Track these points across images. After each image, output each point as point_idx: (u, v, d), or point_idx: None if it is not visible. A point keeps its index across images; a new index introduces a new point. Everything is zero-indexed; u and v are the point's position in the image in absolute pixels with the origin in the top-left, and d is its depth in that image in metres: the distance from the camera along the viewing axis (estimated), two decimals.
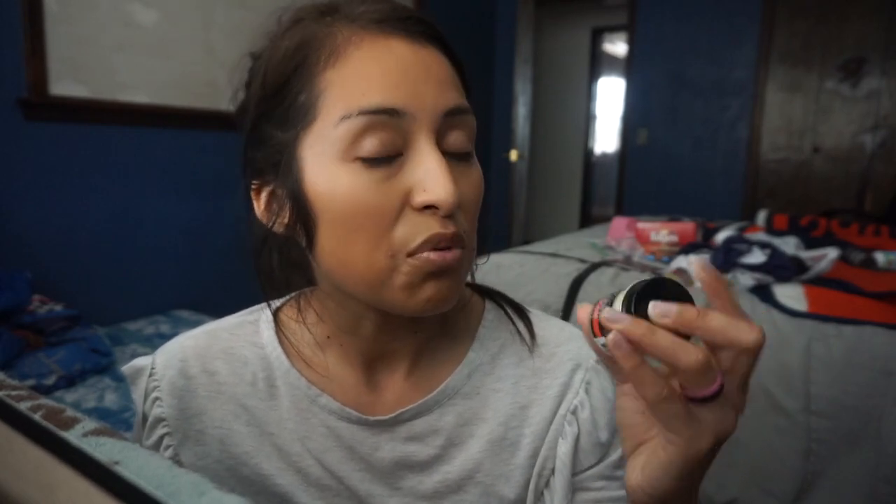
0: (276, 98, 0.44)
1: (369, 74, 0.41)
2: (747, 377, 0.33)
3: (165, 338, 2.44)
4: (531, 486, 0.50)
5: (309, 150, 0.42)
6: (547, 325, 0.54)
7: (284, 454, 0.50)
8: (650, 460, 0.36)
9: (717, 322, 0.32)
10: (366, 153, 0.40)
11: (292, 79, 0.43)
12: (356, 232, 0.41)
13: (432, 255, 0.41)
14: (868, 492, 1.37)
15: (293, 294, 0.54)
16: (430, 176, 0.40)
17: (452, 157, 0.43)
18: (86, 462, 0.25)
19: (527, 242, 2.51)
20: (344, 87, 0.41)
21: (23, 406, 0.32)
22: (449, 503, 0.50)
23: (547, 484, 0.50)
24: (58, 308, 1.88)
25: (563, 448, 0.49)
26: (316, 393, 0.50)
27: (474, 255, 0.45)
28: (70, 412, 0.32)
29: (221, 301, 2.64)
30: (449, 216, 0.41)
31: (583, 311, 0.36)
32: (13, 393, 0.34)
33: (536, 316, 0.55)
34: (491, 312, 0.54)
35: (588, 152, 6.31)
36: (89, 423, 0.31)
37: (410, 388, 0.50)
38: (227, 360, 0.51)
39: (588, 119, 6.26)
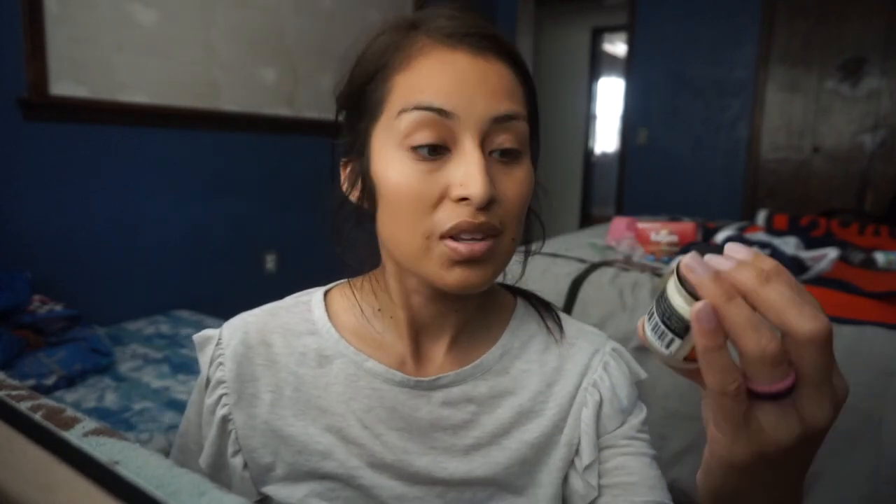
0: (359, 94, 0.52)
1: (430, 79, 0.48)
2: (820, 376, 0.29)
3: (165, 338, 2.45)
4: (561, 455, 0.56)
5: (377, 138, 0.50)
6: (570, 323, 0.63)
7: (328, 415, 0.55)
8: (706, 457, 0.35)
9: (775, 295, 0.28)
10: (416, 143, 0.47)
11: (373, 79, 0.51)
12: (401, 212, 0.48)
13: (460, 247, 0.47)
14: (868, 492, 1.37)
15: (338, 282, 0.62)
16: (468, 173, 0.46)
17: (498, 157, 0.49)
18: (86, 462, 0.25)
19: (527, 242, 2.51)
20: (408, 87, 0.48)
21: (23, 406, 0.32)
22: (477, 464, 0.55)
23: (577, 452, 0.57)
24: (58, 308, 1.88)
25: (587, 414, 0.56)
26: (363, 358, 0.56)
27: (516, 243, 0.51)
28: (70, 412, 0.32)
29: (221, 301, 2.65)
30: (481, 209, 0.46)
31: (641, 323, 0.35)
32: (13, 393, 0.34)
33: (561, 314, 0.63)
34: (521, 308, 0.62)
35: (588, 152, 6.31)
36: (89, 423, 0.31)
37: (450, 360, 0.57)
38: (282, 335, 0.58)
39: (588, 119, 6.25)
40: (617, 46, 6.54)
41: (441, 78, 0.48)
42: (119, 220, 2.32)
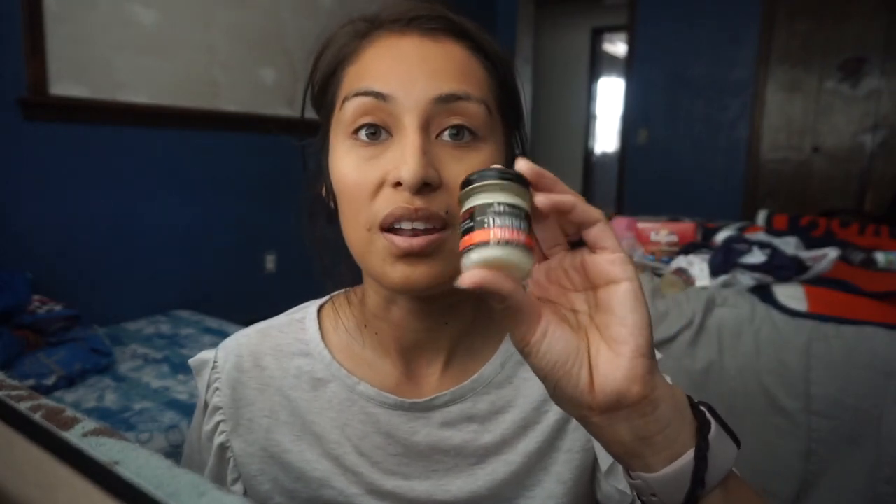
0: (321, 95, 0.52)
1: (371, 66, 0.47)
2: (616, 244, 0.34)
3: (165, 338, 2.44)
4: (563, 460, 0.53)
5: (333, 132, 0.49)
6: None
7: (324, 441, 0.53)
8: (610, 352, 0.33)
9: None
10: (357, 129, 0.46)
11: (330, 79, 0.51)
12: (347, 203, 0.47)
13: (397, 239, 0.43)
14: (868, 492, 1.37)
15: (333, 294, 0.60)
16: (402, 155, 0.44)
17: (449, 142, 0.46)
18: (86, 462, 0.25)
19: None
20: (353, 77, 0.48)
21: (23, 406, 0.32)
22: (481, 482, 0.52)
23: (595, 459, 0.54)
24: (58, 308, 1.88)
25: None
26: (355, 381, 0.53)
27: None
28: (70, 412, 0.32)
29: (221, 301, 2.65)
30: (417, 193, 0.43)
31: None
32: (13, 393, 0.34)
33: None
34: None
35: (588, 152, 6.31)
36: (89, 423, 0.31)
37: (447, 379, 0.54)
38: (275, 357, 0.56)
39: (588, 119, 6.26)
40: (617, 46, 6.54)
41: (383, 63, 0.46)
42: (119, 219, 2.32)
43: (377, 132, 0.45)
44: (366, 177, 0.45)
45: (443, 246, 0.44)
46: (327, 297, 0.60)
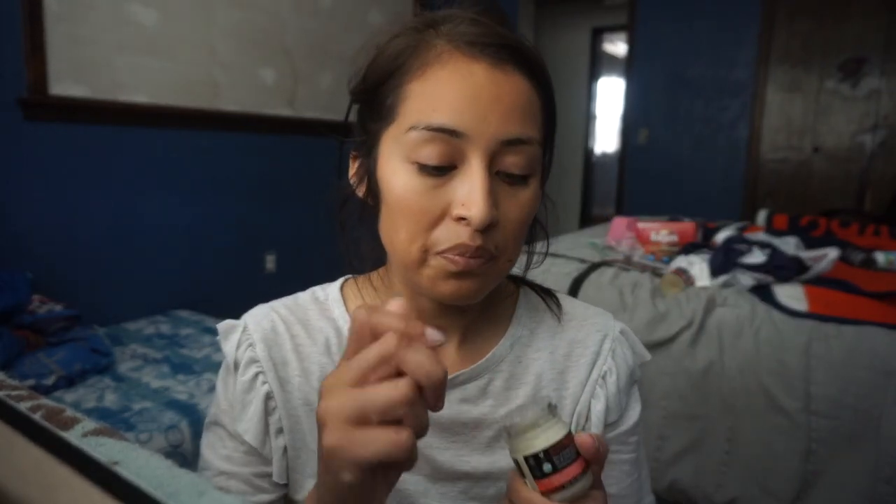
0: (372, 94, 0.51)
1: (443, 94, 0.47)
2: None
3: (165, 338, 2.43)
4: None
5: (385, 143, 0.50)
6: (574, 303, 0.64)
7: None
8: None
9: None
10: (423, 160, 0.47)
11: (387, 81, 0.50)
12: (402, 222, 0.49)
13: (458, 259, 0.47)
14: (868, 492, 1.37)
15: (350, 276, 0.63)
16: (470, 195, 0.46)
17: (504, 179, 0.49)
18: (86, 462, 0.25)
19: (527, 243, 2.51)
20: (420, 100, 0.47)
21: (23, 406, 0.32)
22: (499, 455, 0.56)
23: None
24: (58, 308, 1.88)
25: (598, 407, 0.58)
26: None
27: (511, 264, 0.52)
28: (70, 412, 0.32)
29: (221, 301, 2.65)
30: (480, 230, 0.46)
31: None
32: (13, 393, 0.34)
33: (563, 296, 0.65)
34: (525, 296, 0.63)
35: (588, 152, 6.31)
36: (89, 423, 0.31)
37: (461, 358, 0.58)
38: (304, 327, 0.58)
39: (588, 119, 6.25)
40: (617, 46, 6.54)
41: (455, 94, 0.46)
42: (119, 219, 2.32)
43: (442, 167, 0.47)
44: (430, 205, 0.47)
45: (490, 270, 0.49)
46: (345, 278, 0.62)
